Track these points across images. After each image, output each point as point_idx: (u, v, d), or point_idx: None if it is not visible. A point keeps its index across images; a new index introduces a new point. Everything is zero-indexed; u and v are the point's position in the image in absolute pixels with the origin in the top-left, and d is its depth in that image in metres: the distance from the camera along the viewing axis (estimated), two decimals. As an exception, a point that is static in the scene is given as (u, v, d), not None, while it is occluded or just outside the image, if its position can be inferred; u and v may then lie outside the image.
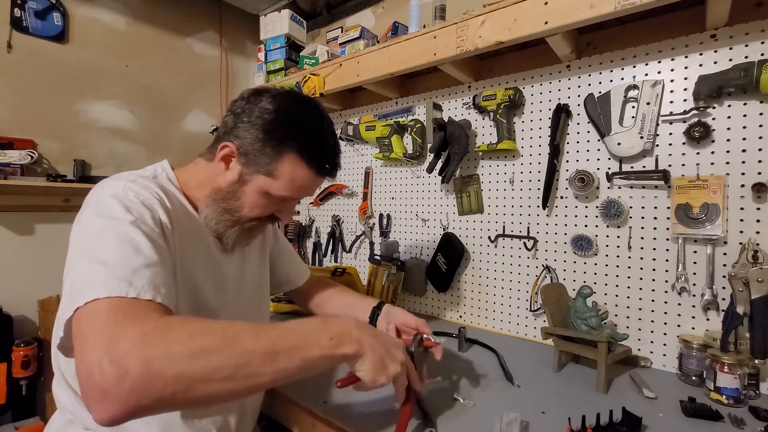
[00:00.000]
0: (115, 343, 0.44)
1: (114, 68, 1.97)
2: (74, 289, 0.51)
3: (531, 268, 1.28)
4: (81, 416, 0.67)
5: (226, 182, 0.71)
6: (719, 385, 0.83)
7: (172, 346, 0.46)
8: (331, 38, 1.85)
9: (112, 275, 0.50)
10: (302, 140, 0.69)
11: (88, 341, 0.46)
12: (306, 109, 0.71)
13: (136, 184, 0.63)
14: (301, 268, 1.06)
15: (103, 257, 0.52)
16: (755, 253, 0.84)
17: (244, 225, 0.74)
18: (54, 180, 1.66)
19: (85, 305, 0.48)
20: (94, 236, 0.55)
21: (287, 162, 0.68)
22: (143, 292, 0.50)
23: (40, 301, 1.72)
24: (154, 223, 0.60)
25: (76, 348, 0.47)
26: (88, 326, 0.47)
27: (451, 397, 0.84)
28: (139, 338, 0.45)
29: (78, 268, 0.54)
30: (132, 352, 0.44)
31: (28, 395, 1.58)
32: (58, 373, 0.69)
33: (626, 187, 1.09)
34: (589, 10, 0.92)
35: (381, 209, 1.71)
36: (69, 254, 0.59)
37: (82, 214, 0.61)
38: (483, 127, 1.39)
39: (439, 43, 1.21)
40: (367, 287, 1.59)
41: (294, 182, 0.70)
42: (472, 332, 1.26)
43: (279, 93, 0.71)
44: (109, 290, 0.49)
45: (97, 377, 0.43)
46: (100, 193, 0.62)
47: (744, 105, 0.94)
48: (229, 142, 0.70)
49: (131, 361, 0.43)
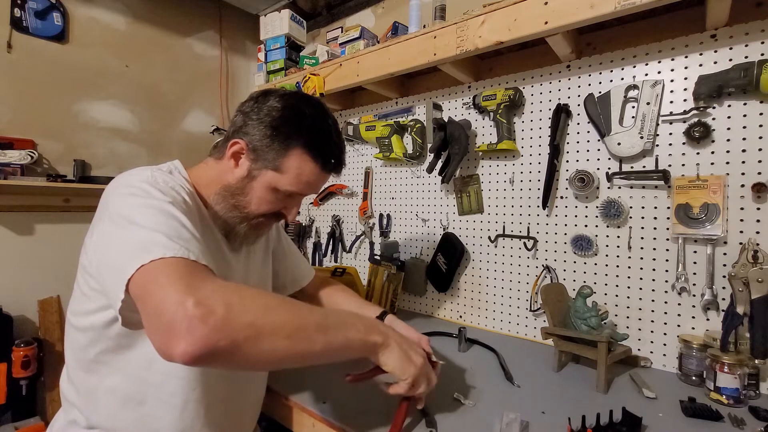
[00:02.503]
0: (196, 288, 0.47)
1: (114, 68, 1.97)
2: (131, 251, 0.51)
3: (531, 268, 1.28)
4: (85, 411, 0.68)
5: (235, 178, 0.73)
6: (719, 385, 0.83)
7: (245, 299, 0.50)
8: (331, 38, 1.85)
9: (170, 239, 0.52)
10: (308, 136, 0.71)
11: (166, 287, 0.47)
12: (311, 106, 0.73)
13: (160, 172, 0.66)
14: (306, 268, 1.05)
15: (153, 226, 0.54)
16: (755, 253, 0.84)
17: (252, 221, 0.75)
18: (54, 180, 1.66)
19: (150, 263, 0.49)
20: (135, 210, 0.56)
21: (294, 157, 0.70)
22: (201, 258, 0.53)
23: (40, 301, 1.72)
24: (185, 206, 0.62)
25: (149, 296, 0.48)
26: (164, 277, 0.48)
27: (451, 397, 0.84)
28: (218, 287, 0.49)
29: (128, 235, 0.54)
30: (214, 296, 0.47)
31: (28, 395, 1.58)
32: (66, 373, 0.70)
33: (626, 187, 1.09)
34: (589, 10, 0.92)
35: (381, 209, 1.71)
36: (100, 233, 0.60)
37: (110, 201, 0.61)
38: (483, 127, 1.39)
39: (439, 43, 1.21)
40: (367, 287, 1.59)
41: (300, 177, 0.71)
42: (472, 332, 1.26)
43: (286, 93, 0.74)
44: (174, 251, 0.51)
45: (181, 315, 0.45)
46: (125, 180, 0.63)
47: (744, 105, 0.94)
48: (239, 139, 0.72)
49: (215, 303, 0.46)
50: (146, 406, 0.66)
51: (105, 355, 0.65)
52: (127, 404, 0.66)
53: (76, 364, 0.68)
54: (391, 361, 0.64)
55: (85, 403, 0.68)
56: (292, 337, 0.51)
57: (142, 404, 0.66)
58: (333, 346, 0.56)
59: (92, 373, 0.67)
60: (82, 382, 0.68)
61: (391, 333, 0.66)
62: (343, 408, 0.81)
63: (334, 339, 0.56)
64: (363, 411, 0.80)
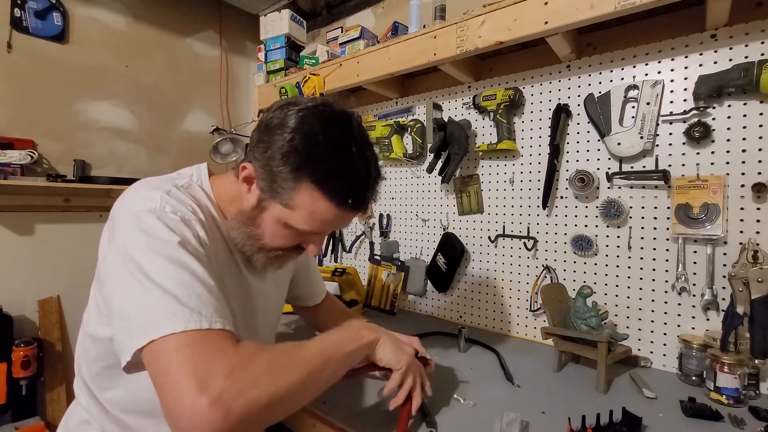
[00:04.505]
0: (207, 380, 0.45)
1: (114, 68, 1.97)
2: (139, 318, 0.50)
3: (531, 268, 1.28)
4: (98, 418, 0.68)
5: (248, 206, 0.66)
6: (719, 385, 0.83)
7: (259, 375, 0.49)
8: (331, 38, 1.85)
9: (181, 305, 0.49)
10: (319, 168, 0.59)
11: (176, 383, 0.45)
12: (331, 128, 0.61)
13: (171, 196, 0.61)
14: (319, 288, 1.05)
15: (163, 283, 0.51)
16: (755, 253, 0.84)
17: (269, 253, 0.70)
18: (54, 180, 1.66)
19: (160, 339, 0.48)
20: (142, 256, 0.53)
21: (304, 192, 0.60)
22: (214, 321, 0.50)
23: (40, 301, 1.72)
24: (196, 241, 0.58)
25: (160, 385, 0.47)
26: (171, 365, 0.47)
27: (451, 397, 0.84)
28: (229, 372, 0.46)
29: (135, 292, 0.51)
30: (227, 388, 0.45)
31: (28, 395, 1.58)
32: (79, 375, 0.71)
33: (626, 187, 1.09)
34: (589, 10, 0.92)
35: (381, 209, 1.71)
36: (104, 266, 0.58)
37: (117, 224, 0.58)
38: (483, 127, 1.39)
39: (439, 43, 1.21)
40: (367, 287, 1.59)
41: (314, 215, 0.61)
42: (472, 332, 1.26)
43: (307, 108, 0.61)
44: (184, 323, 0.48)
45: (199, 418, 0.43)
46: (137, 206, 0.59)
47: (744, 105, 0.94)
48: (248, 163, 0.64)
49: (230, 399, 0.45)
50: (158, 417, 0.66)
51: (111, 369, 0.64)
52: (138, 415, 0.66)
53: (87, 371, 0.68)
54: (385, 354, 0.70)
55: (96, 410, 0.68)
56: (306, 389, 0.54)
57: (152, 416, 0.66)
58: (339, 371, 0.60)
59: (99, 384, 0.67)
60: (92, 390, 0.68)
61: (378, 328, 0.72)
62: (343, 408, 0.81)
63: (337, 364, 0.59)
64: (363, 411, 0.80)
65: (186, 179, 0.68)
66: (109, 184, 1.82)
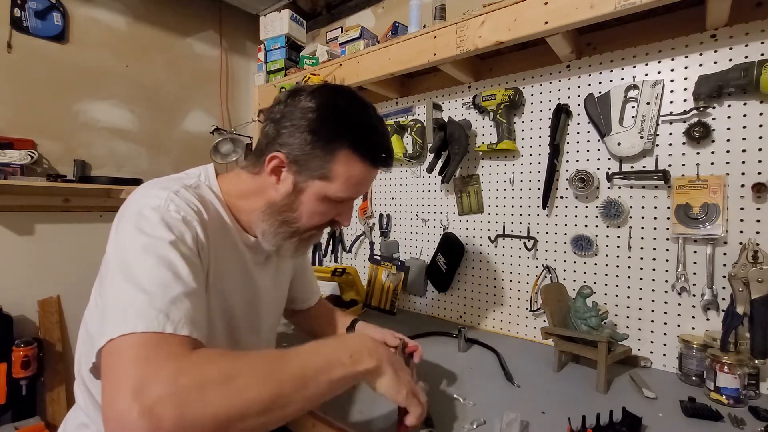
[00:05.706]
0: (145, 386, 0.41)
1: (114, 68, 1.97)
2: (110, 315, 0.49)
3: (531, 268, 1.28)
4: (96, 421, 0.68)
5: (280, 195, 0.68)
6: (719, 385, 0.83)
7: (208, 388, 0.43)
8: (331, 38, 1.85)
9: (150, 304, 0.48)
10: (352, 133, 0.65)
11: (116, 383, 0.43)
12: (348, 99, 0.67)
13: (178, 196, 0.61)
14: (314, 290, 1.05)
15: (141, 281, 0.50)
16: (755, 253, 0.84)
17: (303, 235, 0.71)
18: (54, 180, 1.67)
19: (119, 338, 0.45)
20: (132, 253, 0.53)
21: (341, 160, 0.64)
22: (180, 326, 0.48)
23: (40, 301, 1.73)
24: (192, 242, 0.58)
25: (104, 385, 0.44)
26: (118, 364, 0.44)
27: (451, 397, 0.84)
28: (172, 380, 0.42)
29: (115, 286, 0.51)
30: (164, 398, 0.41)
31: (28, 395, 1.58)
32: (79, 376, 0.70)
33: (626, 187, 1.09)
34: (589, 10, 0.92)
35: (381, 209, 1.71)
36: (106, 262, 0.57)
37: (121, 221, 0.59)
38: (483, 127, 1.39)
39: (439, 43, 1.21)
40: (367, 287, 1.59)
41: (351, 180, 0.66)
42: (472, 332, 1.26)
43: (316, 89, 0.67)
44: (147, 323, 0.46)
45: (126, 427, 0.40)
46: (142, 203, 0.59)
47: (744, 105, 0.94)
48: (277, 152, 0.66)
49: (164, 410, 0.40)
50: None
51: None
52: None
53: (87, 376, 0.68)
54: (385, 386, 0.59)
55: (94, 413, 0.68)
56: (269, 411, 0.46)
57: None
58: (316, 397, 0.51)
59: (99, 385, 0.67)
60: (91, 391, 0.68)
61: (382, 354, 0.60)
62: (343, 408, 0.81)
63: (316, 390, 0.50)
64: (363, 411, 0.80)
65: (194, 179, 0.70)
66: (109, 184, 1.82)
